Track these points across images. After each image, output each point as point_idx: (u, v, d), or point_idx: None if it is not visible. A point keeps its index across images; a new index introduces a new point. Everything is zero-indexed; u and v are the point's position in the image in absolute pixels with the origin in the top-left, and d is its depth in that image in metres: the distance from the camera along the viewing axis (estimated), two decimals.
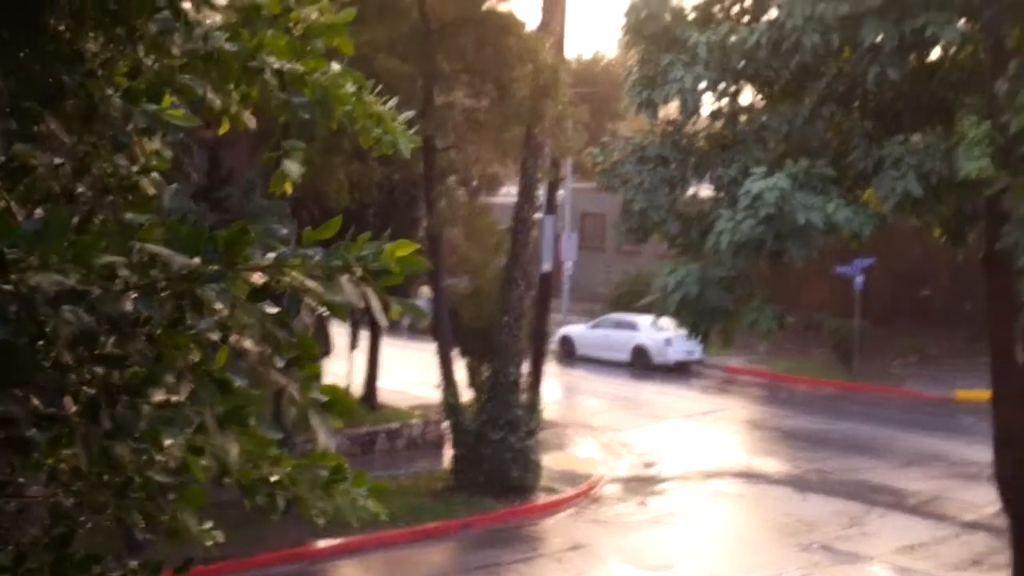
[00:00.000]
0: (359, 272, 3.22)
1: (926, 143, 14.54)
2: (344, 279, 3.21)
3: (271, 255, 3.25)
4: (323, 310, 3.27)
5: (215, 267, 3.10)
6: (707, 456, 30.47)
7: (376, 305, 3.29)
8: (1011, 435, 16.63)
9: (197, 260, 3.09)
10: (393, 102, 4.51)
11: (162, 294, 3.09)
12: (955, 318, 40.37)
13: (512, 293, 26.12)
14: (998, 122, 14.12)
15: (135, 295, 3.07)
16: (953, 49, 15.68)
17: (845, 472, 29.15)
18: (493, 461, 25.91)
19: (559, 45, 26.19)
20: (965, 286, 35.55)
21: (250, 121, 4.17)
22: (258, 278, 3.20)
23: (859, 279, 37.29)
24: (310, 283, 3.18)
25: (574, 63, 54.17)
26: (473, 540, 23.98)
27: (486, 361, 26.63)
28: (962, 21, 14.74)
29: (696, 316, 15.71)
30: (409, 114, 4.58)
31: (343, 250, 3.26)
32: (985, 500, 22.90)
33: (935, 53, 15.81)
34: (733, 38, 15.35)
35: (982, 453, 22.18)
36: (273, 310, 3.20)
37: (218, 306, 3.17)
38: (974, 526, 24.94)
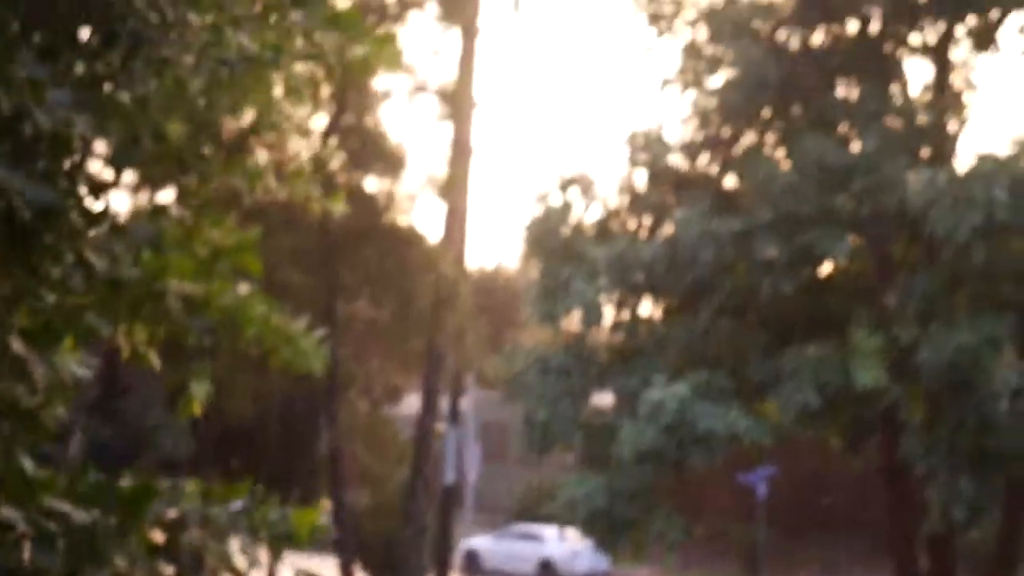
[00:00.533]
0: (264, 535, 3.16)
1: (821, 355, 14.82)
2: (236, 545, 3.13)
3: (173, 512, 3.18)
4: None
5: (116, 522, 3.01)
6: None
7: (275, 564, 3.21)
8: None
9: (97, 513, 3.01)
10: (303, 321, 4.48)
11: (60, 546, 2.99)
12: (857, 526, 40.52)
13: (415, 505, 25.75)
14: (890, 334, 14.48)
15: (33, 546, 2.97)
16: (843, 263, 16.15)
17: None
18: None
19: (460, 257, 26.50)
20: (866, 494, 35.83)
21: (155, 359, 4.12)
22: (159, 536, 3.13)
23: (761, 488, 37.39)
24: (212, 544, 3.11)
25: (476, 274, 54.84)
26: None
27: (387, 575, 26.07)
28: (850, 236, 15.24)
29: (604, 529, 15.63)
30: (321, 332, 4.55)
31: (250, 517, 3.20)
32: None
33: (826, 267, 16.26)
34: (632, 253, 15.68)
35: None
36: (170, 570, 3.12)
37: (118, 561, 3.08)
38: None
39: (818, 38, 16.25)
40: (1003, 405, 13.78)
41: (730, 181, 16.52)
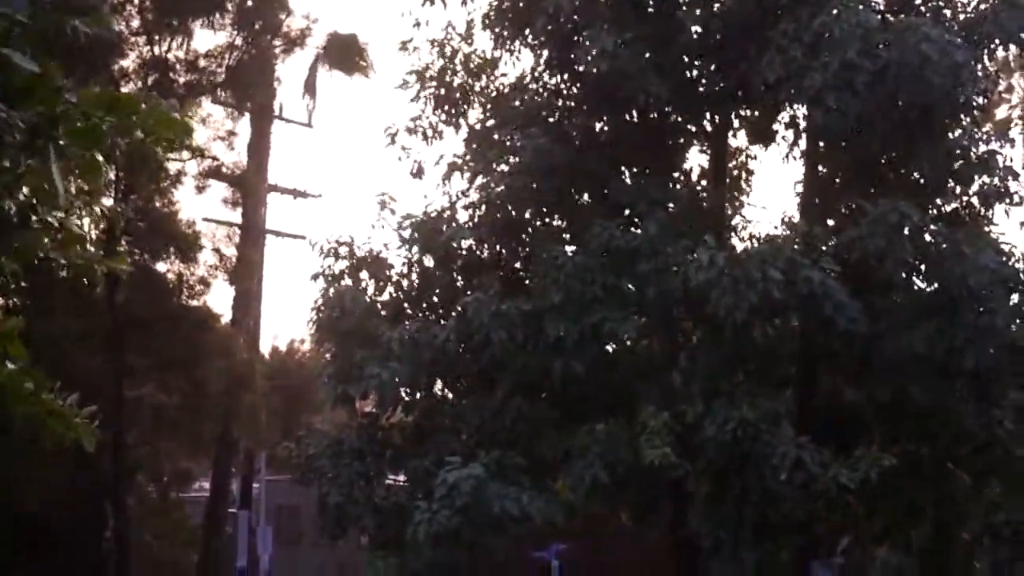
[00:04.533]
0: None
1: (610, 432, 15.12)
2: None
3: None
4: None
5: None
6: None
7: None
8: None
9: None
10: (74, 398, 4.50)
11: None
12: None
13: None
14: (676, 411, 14.88)
15: None
16: (631, 343, 16.57)
17: None
18: None
19: (254, 339, 26.22)
20: (658, 567, 36.44)
21: None
22: None
23: (556, 563, 37.71)
24: None
25: (269, 355, 54.08)
26: None
27: None
28: (637, 317, 15.67)
29: None
30: (91, 409, 4.57)
31: None
32: None
33: (615, 347, 16.63)
34: (424, 334, 15.75)
35: None
36: None
37: None
38: None
39: (602, 125, 16.76)
40: (783, 477, 14.29)
41: (519, 263, 16.80)
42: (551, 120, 16.39)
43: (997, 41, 15.59)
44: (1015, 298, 14.55)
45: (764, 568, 15.00)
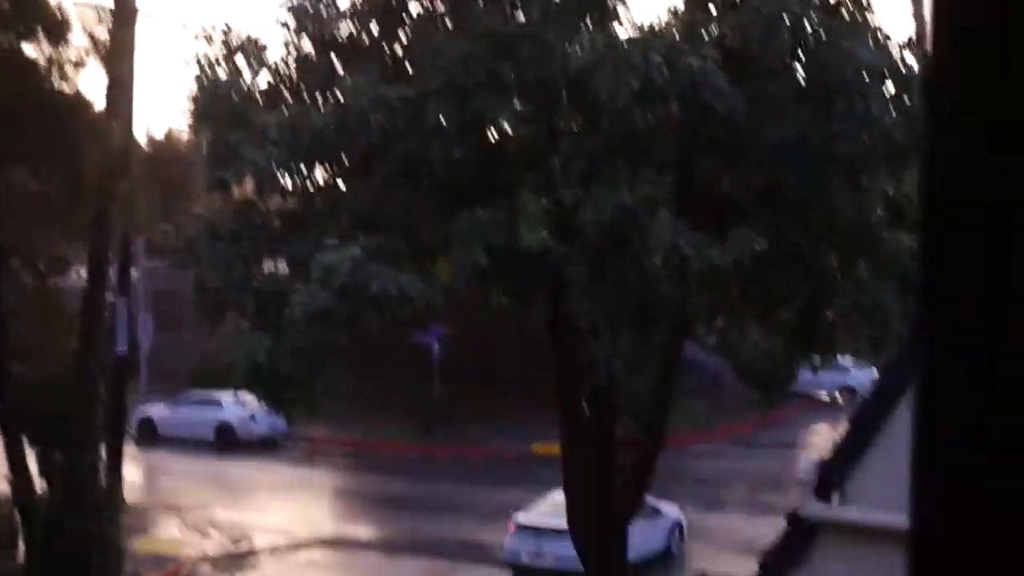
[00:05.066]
0: None
1: (490, 217, 15.21)
2: None
3: None
4: None
5: None
6: (298, 527, 30.32)
7: None
8: (578, 483, 17.64)
9: None
10: None
11: None
12: (527, 379, 42.17)
13: (86, 377, 25.11)
14: (555, 196, 14.99)
15: None
16: (511, 129, 16.52)
17: (432, 531, 29.78)
18: (72, 552, 24.69)
19: (128, 124, 25.61)
20: (535, 349, 37.27)
21: None
22: None
23: (435, 347, 38.41)
24: None
25: (147, 143, 52.98)
26: None
27: (60, 449, 25.43)
28: (517, 103, 15.60)
29: (271, 388, 15.71)
30: None
31: None
32: None
33: (496, 132, 16.59)
34: (301, 119, 15.55)
35: None
36: None
37: None
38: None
39: None
40: (659, 260, 14.58)
41: (400, 49, 16.53)
42: None
43: None
44: (890, 88, 14.76)
45: (637, 353, 15.38)
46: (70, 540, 24.64)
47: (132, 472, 33.01)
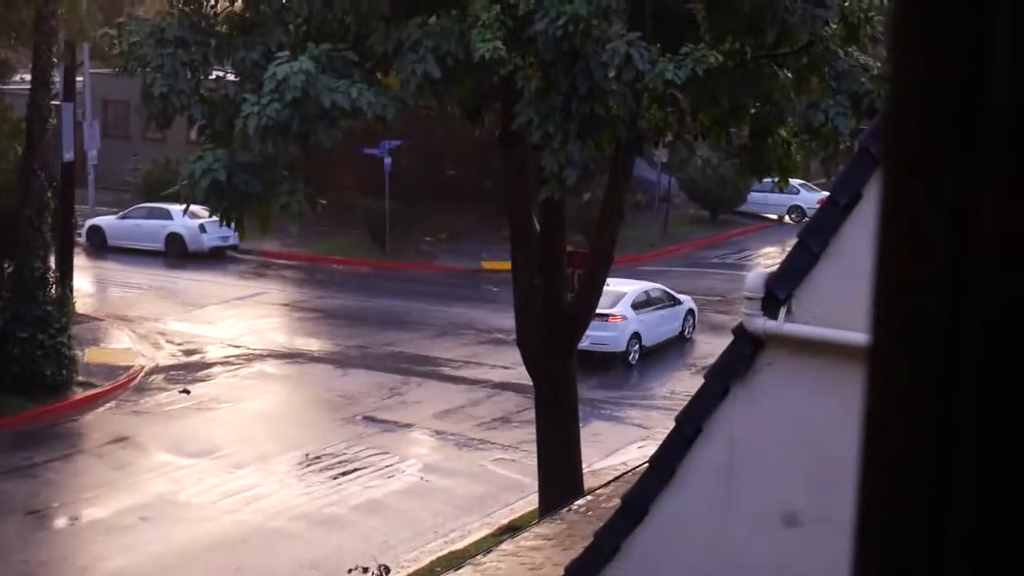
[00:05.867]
0: None
1: (442, 25, 14.98)
2: None
3: None
4: None
5: None
6: (249, 340, 30.52)
7: None
8: (528, 299, 17.79)
9: None
10: None
11: None
12: (479, 194, 42.16)
13: (32, 184, 24.86)
14: (508, 4, 14.74)
15: None
16: None
17: (383, 346, 30.08)
18: (23, 360, 24.81)
19: None
20: (486, 163, 37.14)
21: None
22: None
23: (387, 160, 38.16)
24: None
25: None
26: (5, 442, 22.99)
27: (8, 257, 25.33)
28: None
29: (226, 203, 15.63)
30: None
31: None
32: (511, 361, 24.35)
33: None
34: None
35: (507, 319, 23.52)
36: None
37: None
38: (503, 386, 26.53)
39: None
40: (611, 73, 14.47)
41: None
42: None
43: None
44: None
45: (588, 163, 15.35)
46: (21, 349, 24.72)
47: (82, 282, 32.98)
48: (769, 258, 39.72)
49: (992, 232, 0.92)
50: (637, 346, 28.76)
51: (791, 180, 20.44)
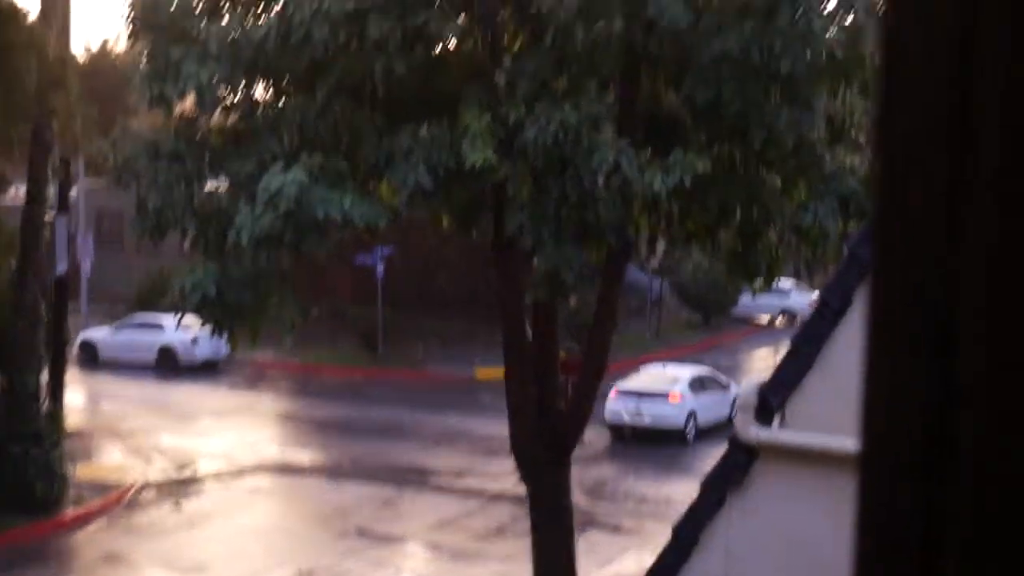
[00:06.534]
0: None
1: (433, 135, 15.12)
2: None
3: None
4: None
5: None
6: (241, 453, 30.33)
7: None
8: (521, 406, 17.71)
9: None
10: None
11: None
12: (471, 300, 42.24)
13: (25, 298, 24.87)
14: (499, 113, 14.92)
15: None
16: (454, 43, 16.39)
17: (377, 456, 29.88)
18: (15, 476, 24.59)
19: (65, 35, 25.17)
20: (479, 271, 37.28)
21: None
22: None
23: (380, 268, 38.30)
24: None
25: (82, 55, 52.09)
26: None
27: (1, 372, 25.24)
28: (461, 16, 15.47)
29: (217, 315, 15.65)
30: None
31: None
32: (506, 471, 24.21)
33: (439, 47, 16.45)
34: (242, 31, 15.34)
35: (501, 427, 23.39)
36: None
37: None
38: (498, 497, 26.29)
39: None
40: (601, 181, 14.58)
41: None
42: None
43: None
44: (832, 4, 14.74)
45: (582, 267, 15.42)
46: (13, 465, 24.53)
47: (75, 396, 32.84)
48: (762, 362, 39.70)
49: (979, 339, 0.91)
50: (693, 424, 30.62)
51: (782, 283, 20.49)
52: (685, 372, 32.00)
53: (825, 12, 14.61)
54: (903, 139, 0.98)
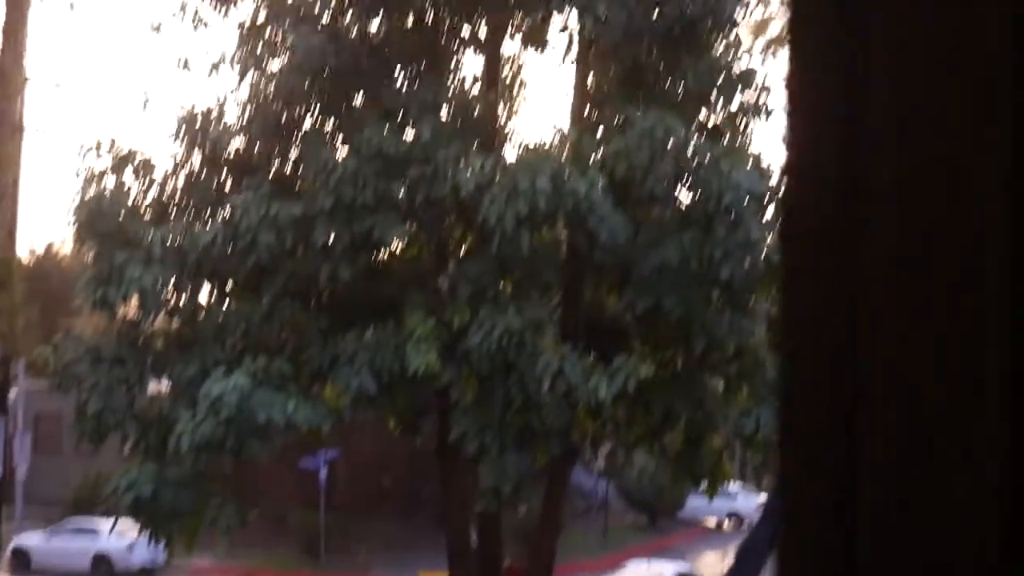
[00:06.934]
0: None
1: (378, 339, 15.14)
2: None
3: None
4: None
5: None
6: None
7: None
8: None
9: None
10: None
11: None
12: (416, 504, 41.66)
13: None
14: (443, 318, 14.99)
15: None
16: (400, 249, 16.57)
17: None
18: None
19: (11, 238, 25.22)
20: (423, 473, 36.91)
21: None
22: None
23: (323, 471, 37.81)
24: None
25: (28, 258, 52.06)
26: None
27: None
28: (406, 223, 15.67)
29: (152, 518, 15.32)
30: None
31: None
32: None
33: (384, 253, 16.61)
34: (189, 236, 15.43)
35: None
36: None
37: None
38: None
39: (377, 27, 16.56)
40: (545, 386, 14.60)
41: (290, 166, 16.55)
42: (324, 19, 16.10)
43: None
44: (769, 212, 15.08)
45: (524, 476, 15.31)
46: None
47: None
48: (710, 569, 39.21)
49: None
50: None
51: (728, 485, 20.42)
52: (668, 570, 31.97)
53: (763, 220, 14.93)
54: (802, 443, 1.03)
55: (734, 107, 16.03)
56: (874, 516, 1.00)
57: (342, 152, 15.64)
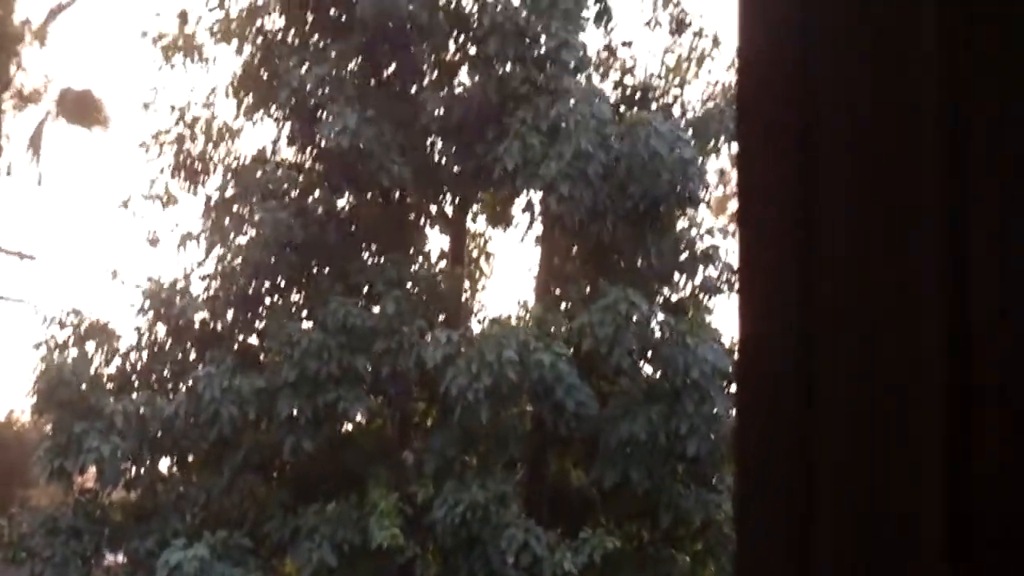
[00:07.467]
0: None
1: (340, 513, 14.98)
2: None
3: None
4: None
5: None
6: None
7: None
8: None
9: None
10: None
11: None
12: None
13: None
14: (406, 492, 14.85)
15: None
16: (363, 422, 16.51)
17: None
18: None
19: None
20: None
21: None
22: None
23: None
24: None
25: None
26: None
27: None
28: (371, 396, 15.65)
29: None
30: None
31: None
32: None
33: (348, 426, 16.55)
34: (151, 408, 15.34)
35: None
36: None
37: None
38: None
39: (344, 203, 16.79)
40: (510, 560, 14.42)
41: (254, 339, 16.58)
42: (292, 194, 16.31)
43: (723, 138, 16.45)
44: (733, 388, 15.15)
45: None
46: None
47: None
48: None
49: None
50: None
51: None
52: None
53: (728, 395, 14.99)
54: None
55: (697, 283, 16.24)
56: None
57: (307, 325, 15.69)
